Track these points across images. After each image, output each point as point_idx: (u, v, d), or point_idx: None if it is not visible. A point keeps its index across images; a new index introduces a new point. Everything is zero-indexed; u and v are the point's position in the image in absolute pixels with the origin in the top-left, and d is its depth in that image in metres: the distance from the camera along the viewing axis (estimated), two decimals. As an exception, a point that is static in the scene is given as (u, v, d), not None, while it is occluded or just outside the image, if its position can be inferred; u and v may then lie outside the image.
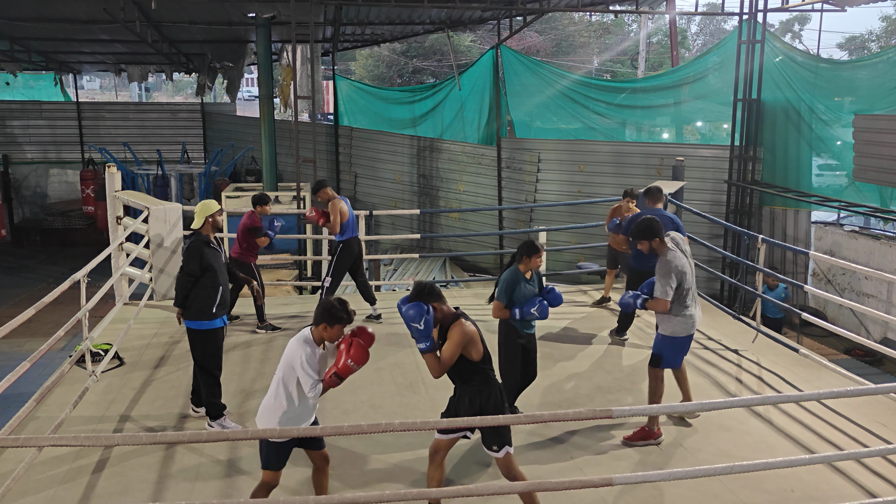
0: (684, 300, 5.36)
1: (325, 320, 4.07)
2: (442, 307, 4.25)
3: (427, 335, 4.15)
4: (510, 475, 4.30)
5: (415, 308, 4.13)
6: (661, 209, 7.51)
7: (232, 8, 12.94)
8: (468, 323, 4.24)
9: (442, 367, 4.21)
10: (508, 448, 4.25)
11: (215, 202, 5.87)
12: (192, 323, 5.59)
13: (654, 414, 5.73)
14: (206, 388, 5.64)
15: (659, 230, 5.36)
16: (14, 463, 4.79)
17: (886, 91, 11.19)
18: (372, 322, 8.23)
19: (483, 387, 4.30)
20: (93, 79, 48.78)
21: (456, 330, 4.18)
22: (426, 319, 4.13)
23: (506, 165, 16.17)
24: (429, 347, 4.17)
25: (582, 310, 8.86)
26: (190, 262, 5.58)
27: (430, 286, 4.26)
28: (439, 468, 4.43)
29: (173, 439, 4.41)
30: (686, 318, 5.39)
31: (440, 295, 4.27)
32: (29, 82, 24.07)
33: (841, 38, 36.84)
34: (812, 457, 4.87)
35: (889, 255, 10.98)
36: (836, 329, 7.11)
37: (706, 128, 16.22)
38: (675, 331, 5.42)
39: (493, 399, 4.30)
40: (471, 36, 31.38)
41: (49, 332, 5.72)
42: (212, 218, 5.74)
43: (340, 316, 4.06)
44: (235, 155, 20.24)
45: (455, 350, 4.18)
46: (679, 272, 5.30)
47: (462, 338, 4.17)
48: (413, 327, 4.15)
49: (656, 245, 5.36)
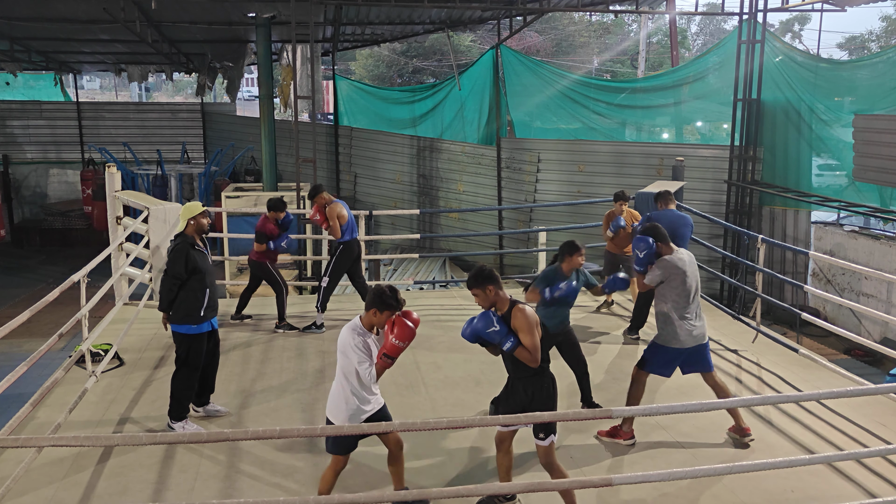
0: (681, 311, 5.25)
1: (375, 305, 4.13)
2: (500, 292, 4.29)
3: (505, 333, 4.19)
4: (548, 463, 4.39)
5: (481, 319, 4.22)
6: (674, 210, 7.49)
7: (232, 8, 12.94)
8: (527, 308, 4.27)
9: (534, 353, 4.21)
10: (553, 437, 4.34)
11: (199, 204, 5.77)
12: (179, 327, 5.53)
13: (654, 414, 5.74)
14: (179, 390, 5.53)
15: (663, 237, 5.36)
16: (14, 463, 4.78)
17: (886, 91, 11.19)
18: None
19: (535, 377, 4.34)
20: (93, 79, 48.80)
21: (519, 317, 4.21)
22: (497, 320, 4.21)
23: (506, 165, 16.17)
24: (514, 344, 4.20)
25: (582, 310, 8.85)
26: (175, 264, 5.49)
27: (491, 270, 4.30)
28: (506, 455, 4.53)
29: (173, 439, 4.41)
30: (680, 330, 5.26)
31: (498, 279, 4.31)
32: (29, 82, 24.07)
33: (841, 38, 36.91)
34: (812, 457, 4.87)
35: (889, 255, 10.98)
36: (836, 329, 7.11)
37: (706, 128, 16.22)
38: (665, 339, 5.33)
39: (545, 389, 4.35)
40: (471, 36, 31.38)
41: (49, 332, 5.72)
42: (195, 220, 5.66)
43: (390, 302, 4.12)
44: (235, 155, 20.24)
45: (532, 334, 4.19)
46: (672, 270, 5.24)
47: (529, 321, 4.20)
48: (490, 334, 4.20)
49: (659, 248, 5.34)
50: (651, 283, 5.33)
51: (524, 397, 4.35)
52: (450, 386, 6.49)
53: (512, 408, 4.40)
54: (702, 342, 5.38)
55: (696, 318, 5.35)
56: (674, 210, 7.48)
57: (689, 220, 7.48)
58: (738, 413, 5.45)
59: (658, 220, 7.00)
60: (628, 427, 5.41)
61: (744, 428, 5.41)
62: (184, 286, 5.50)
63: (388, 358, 4.14)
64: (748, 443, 5.37)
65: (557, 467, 4.40)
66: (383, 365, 4.16)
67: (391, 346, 4.11)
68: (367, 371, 4.14)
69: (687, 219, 7.47)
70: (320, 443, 5.28)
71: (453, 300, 9.23)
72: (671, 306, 5.28)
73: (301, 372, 6.75)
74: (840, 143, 12.03)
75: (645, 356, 5.49)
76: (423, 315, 8.47)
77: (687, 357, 5.38)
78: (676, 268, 5.28)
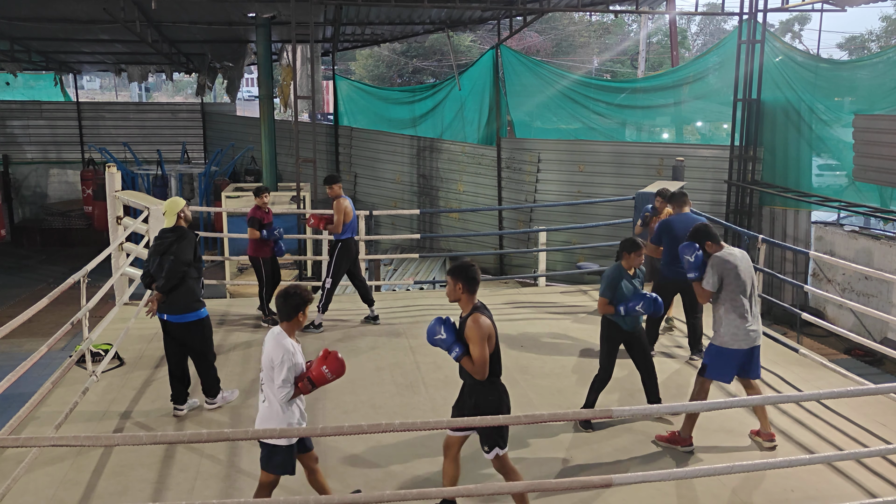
0: (739, 309, 5.14)
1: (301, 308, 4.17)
2: (466, 294, 4.24)
3: (452, 342, 4.15)
4: (506, 475, 4.32)
5: (435, 323, 4.21)
6: (690, 213, 7.24)
7: (232, 8, 12.94)
8: (484, 317, 4.19)
9: (480, 367, 4.14)
10: (499, 450, 4.25)
11: (181, 199, 6.07)
12: (188, 315, 5.74)
13: (653, 414, 5.73)
14: (207, 371, 5.90)
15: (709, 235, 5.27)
16: (14, 463, 4.79)
17: (886, 91, 11.18)
18: (370, 323, 8.23)
19: (481, 386, 4.27)
20: (93, 79, 48.80)
21: (472, 327, 4.15)
22: (447, 328, 4.17)
23: (506, 165, 16.17)
24: (459, 353, 4.16)
25: (582, 310, 8.86)
26: (186, 252, 5.77)
27: (473, 270, 4.25)
28: (453, 463, 4.43)
29: (173, 439, 4.41)
30: (737, 330, 5.15)
31: (475, 281, 4.25)
32: (29, 82, 24.06)
33: (841, 38, 36.88)
34: (812, 457, 4.87)
35: (889, 255, 10.98)
36: (836, 329, 7.11)
37: (706, 128, 16.21)
38: (723, 341, 5.21)
39: (490, 401, 4.27)
40: (471, 36, 31.38)
41: (49, 332, 5.73)
42: (182, 213, 5.95)
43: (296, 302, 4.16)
44: (235, 155, 20.23)
45: (481, 346, 4.12)
46: (724, 269, 5.13)
47: (481, 332, 4.13)
48: (437, 341, 4.19)
49: (708, 247, 5.26)
50: (711, 287, 5.18)
51: (470, 407, 4.30)
52: (450, 386, 6.49)
53: (458, 413, 4.38)
54: (757, 344, 5.28)
55: (754, 317, 5.23)
56: (689, 213, 7.22)
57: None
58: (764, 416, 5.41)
59: (674, 225, 6.96)
60: (687, 433, 5.30)
61: (770, 433, 5.38)
62: (186, 274, 5.76)
63: (310, 384, 4.09)
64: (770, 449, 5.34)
65: (512, 472, 4.32)
66: (304, 389, 4.09)
67: (320, 374, 4.06)
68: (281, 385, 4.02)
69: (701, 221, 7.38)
70: (320, 443, 5.28)
71: (453, 300, 9.22)
72: (728, 305, 5.17)
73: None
74: (840, 143, 12.02)
75: (704, 362, 5.37)
76: (424, 315, 8.51)
77: (743, 359, 5.27)
78: (727, 262, 5.15)
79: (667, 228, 6.99)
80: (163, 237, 5.89)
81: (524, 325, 8.16)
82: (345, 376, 6.55)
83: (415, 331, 7.86)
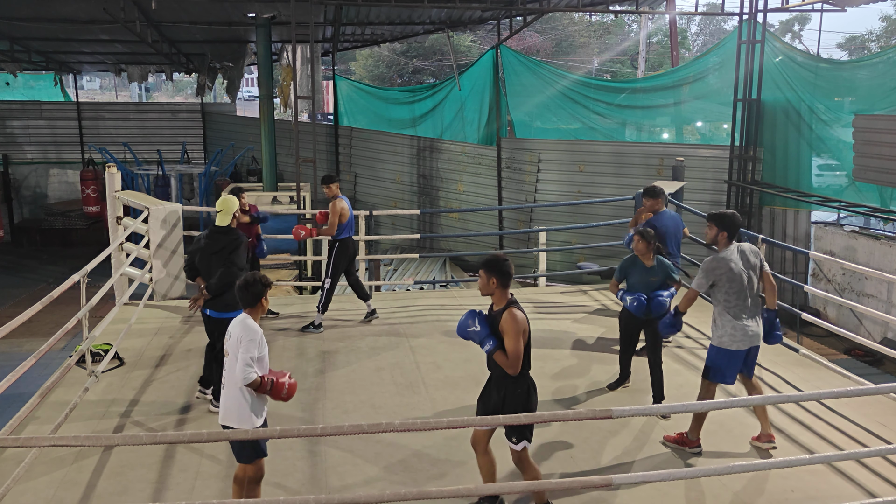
0: (734, 308, 5.11)
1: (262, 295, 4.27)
2: (501, 289, 4.26)
3: (486, 335, 4.17)
4: (524, 470, 4.36)
5: (468, 316, 4.22)
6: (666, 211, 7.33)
7: (232, 8, 12.94)
8: (520, 312, 4.22)
9: (514, 362, 4.17)
10: (527, 443, 4.31)
11: (234, 198, 6.16)
12: (226, 314, 5.71)
13: (653, 414, 5.73)
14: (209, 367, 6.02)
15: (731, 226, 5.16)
16: (14, 463, 4.79)
17: (886, 91, 11.19)
18: (369, 318, 8.24)
19: (509, 380, 4.29)
20: (93, 79, 48.80)
21: (508, 321, 4.16)
22: (481, 320, 4.19)
23: (506, 165, 16.17)
24: (493, 346, 4.17)
25: (582, 310, 8.85)
26: (242, 257, 5.92)
27: (507, 264, 4.28)
28: (484, 456, 4.46)
29: (173, 439, 4.41)
30: (735, 330, 5.11)
31: (509, 275, 4.27)
32: (29, 82, 24.06)
33: (841, 38, 36.90)
34: (812, 457, 4.87)
35: (889, 255, 10.99)
36: (836, 329, 7.11)
37: (706, 128, 16.22)
38: (721, 341, 5.17)
39: (518, 394, 4.29)
40: (471, 36, 31.39)
41: (49, 332, 5.72)
42: (238, 213, 6.12)
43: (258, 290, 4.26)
44: (235, 155, 20.24)
45: (516, 340, 4.15)
46: (717, 274, 5.07)
47: (517, 326, 4.15)
48: (470, 333, 4.20)
49: (721, 238, 5.16)
50: (697, 287, 5.14)
51: (496, 399, 4.32)
52: (450, 386, 6.49)
53: (485, 408, 4.40)
54: (757, 343, 5.25)
55: (752, 318, 5.18)
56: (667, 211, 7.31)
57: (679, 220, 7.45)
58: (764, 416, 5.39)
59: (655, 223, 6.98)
60: (695, 435, 5.26)
61: (769, 434, 5.36)
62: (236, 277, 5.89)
63: (270, 386, 4.14)
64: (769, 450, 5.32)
65: (531, 468, 4.36)
66: (265, 385, 4.12)
67: (280, 386, 4.15)
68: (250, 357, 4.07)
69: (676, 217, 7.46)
70: (320, 443, 5.29)
71: (453, 300, 9.22)
72: (721, 307, 5.14)
73: (301, 372, 6.74)
74: (840, 143, 12.03)
75: (707, 364, 5.31)
76: (423, 315, 8.52)
77: (744, 359, 5.23)
78: (719, 274, 5.07)
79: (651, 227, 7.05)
80: (214, 237, 5.94)
81: (524, 325, 8.15)
82: (345, 376, 6.61)
83: (415, 331, 7.86)
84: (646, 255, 5.92)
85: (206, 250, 5.91)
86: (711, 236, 5.22)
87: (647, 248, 5.89)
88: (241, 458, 4.21)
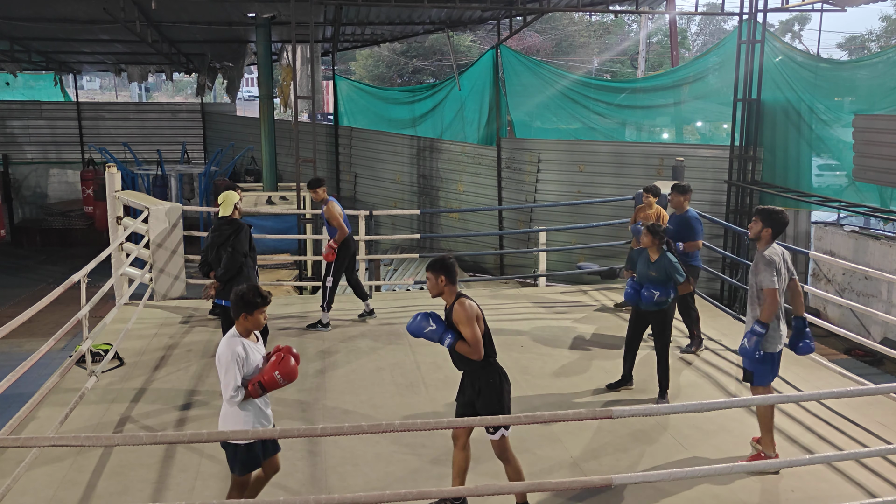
0: (778, 311, 5.03)
1: (243, 310, 4.04)
2: (450, 286, 4.35)
3: (443, 330, 4.26)
4: (505, 460, 4.38)
5: (422, 318, 4.31)
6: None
7: (232, 8, 12.94)
8: (469, 300, 4.31)
9: (475, 346, 4.24)
10: (504, 431, 4.33)
11: (234, 192, 6.42)
12: None
13: (653, 414, 5.72)
14: None
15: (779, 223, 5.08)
16: (14, 463, 4.79)
17: (886, 91, 11.18)
18: (366, 318, 8.25)
19: (481, 370, 4.36)
20: (93, 79, 48.81)
21: (459, 311, 4.26)
22: (433, 318, 4.29)
23: (506, 165, 16.17)
24: (453, 340, 4.26)
25: (582, 310, 8.86)
26: (242, 242, 6.19)
27: (450, 261, 4.37)
28: (462, 452, 4.49)
29: (173, 439, 4.41)
30: (775, 333, 5.02)
31: (455, 271, 4.37)
32: (29, 82, 24.06)
33: (841, 38, 36.93)
34: (812, 457, 4.87)
35: (889, 255, 10.99)
36: (836, 329, 7.11)
37: (706, 128, 16.21)
38: (764, 345, 5.06)
39: (491, 383, 4.35)
40: (471, 36, 31.38)
41: (49, 332, 5.73)
42: (240, 204, 6.41)
43: (254, 301, 4.04)
44: (235, 155, 20.25)
45: (471, 326, 4.23)
46: (777, 268, 4.97)
47: (468, 313, 4.23)
48: (428, 334, 4.28)
49: (765, 234, 5.07)
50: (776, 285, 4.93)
51: (471, 392, 4.40)
52: (450, 386, 6.47)
53: (462, 404, 4.47)
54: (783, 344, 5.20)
55: (782, 320, 5.14)
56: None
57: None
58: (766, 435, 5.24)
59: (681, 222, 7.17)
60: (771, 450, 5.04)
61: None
62: (244, 264, 6.18)
63: (261, 388, 3.98)
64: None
65: (512, 458, 4.38)
66: (254, 394, 3.99)
67: (271, 379, 3.97)
68: (233, 388, 3.93)
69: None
70: (320, 443, 5.29)
71: (453, 300, 9.22)
72: None
73: (301, 372, 6.68)
74: (840, 143, 12.02)
75: (749, 369, 5.12)
76: (423, 315, 8.51)
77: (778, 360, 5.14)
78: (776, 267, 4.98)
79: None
80: (220, 229, 6.28)
81: (524, 325, 8.16)
82: (345, 376, 6.61)
83: (415, 331, 7.85)
84: (651, 248, 6.06)
85: (214, 243, 6.25)
86: (756, 231, 5.09)
87: (652, 241, 6.02)
88: (233, 468, 4.14)
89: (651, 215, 8.16)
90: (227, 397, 3.98)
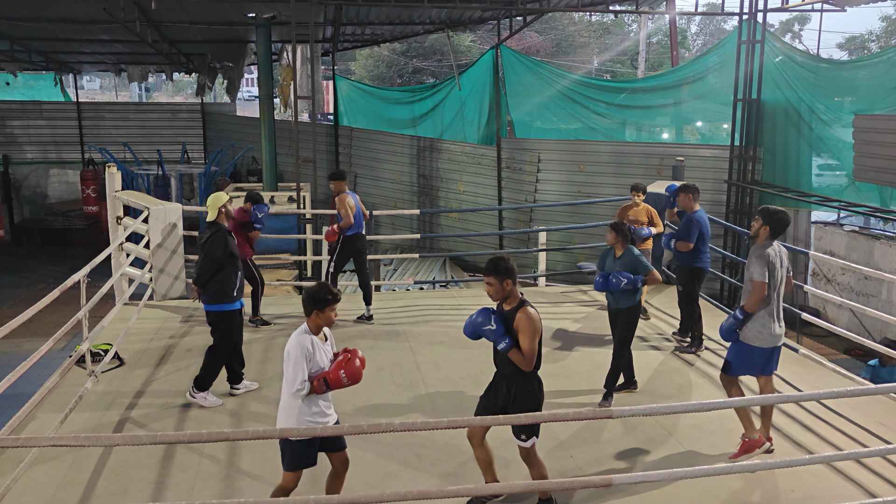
0: (769, 307, 5.07)
1: (315, 307, 4.11)
2: (514, 288, 4.28)
3: (501, 333, 4.19)
4: (532, 466, 4.38)
5: (481, 314, 4.24)
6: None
7: (232, 8, 12.94)
8: (534, 311, 4.23)
9: (528, 358, 4.19)
10: (535, 439, 4.33)
11: (224, 194, 6.30)
12: (214, 306, 6.03)
13: (653, 414, 5.72)
14: (209, 365, 5.99)
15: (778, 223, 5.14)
16: (14, 463, 4.79)
17: (886, 91, 11.18)
18: (363, 322, 8.19)
19: (520, 377, 4.29)
20: (93, 79, 48.81)
21: (523, 319, 4.18)
22: (496, 318, 4.22)
23: (506, 165, 16.17)
24: (509, 345, 4.18)
25: (582, 310, 8.86)
26: (216, 248, 6.02)
27: (511, 264, 4.27)
28: (480, 449, 4.49)
29: (173, 439, 4.41)
30: (763, 328, 5.08)
31: (516, 274, 4.29)
32: (29, 82, 24.05)
33: (841, 38, 36.93)
34: (812, 457, 4.87)
35: (889, 255, 10.99)
36: (836, 329, 7.11)
37: (706, 128, 16.21)
38: (746, 336, 5.10)
39: (529, 392, 4.31)
40: (471, 36, 31.38)
41: (49, 332, 5.73)
42: (224, 208, 6.21)
43: (325, 298, 4.10)
44: (235, 155, 20.25)
45: (532, 339, 4.17)
46: (771, 263, 5.04)
47: (533, 325, 4.17)
48: (486, 332, 4.22)
49: (763, 232, 5.15)
50: (766, 279, 5.01)
51: (506, 396, 4.34)
52: (450, 386, 6.49)
53: (492, 405, 4.41)
54: (779, 344, 5.21)
55: (779, 319, 5.15)
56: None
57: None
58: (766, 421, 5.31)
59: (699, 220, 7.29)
60: (756, 433, 5.14)
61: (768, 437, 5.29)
62: (221, 268, 6.03)
63: (326, 385, 4.04)
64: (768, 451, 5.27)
65: (538, 463, 4.38)
66: (318, 389, 4.05)
67: (336, 378, 4.04)
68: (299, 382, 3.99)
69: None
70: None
71: (453, 300, 9.23)
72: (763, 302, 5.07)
73: (301, 372, 6.75)
74: (840, 143, 12.02)
75: (728, 359, 5.26)
76: (423, 315, 8.51)
77: (766, 356, 5.19)
78: (771, 263, 5.04)
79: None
80: (202, 233, 6.27)
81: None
82: (345, 376, 6.60)
83: (415, 331, 7.86)
84: (616, 245, 6.17)
85: (201, 247, 6.20)
86: (755, 228, 5.22)
87: (615, 238, 6.13)
88: (283, 463, 4.21)
89: (640, 213, 8.16)
90: (293, 391, 4.02)
